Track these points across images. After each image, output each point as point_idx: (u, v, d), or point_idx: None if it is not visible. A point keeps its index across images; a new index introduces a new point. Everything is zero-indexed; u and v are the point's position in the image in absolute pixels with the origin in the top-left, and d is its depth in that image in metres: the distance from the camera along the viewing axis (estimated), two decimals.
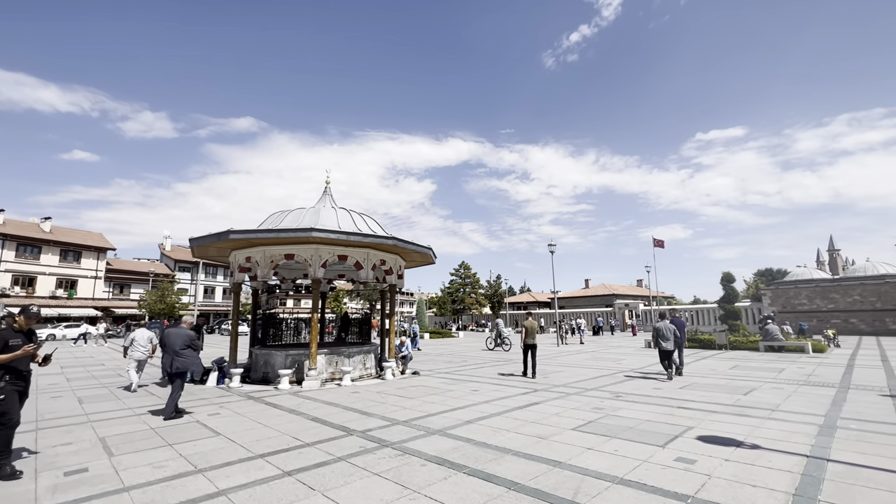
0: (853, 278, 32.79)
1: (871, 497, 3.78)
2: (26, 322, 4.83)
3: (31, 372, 4.93)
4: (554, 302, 32.98)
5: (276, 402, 8.58)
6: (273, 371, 11.05)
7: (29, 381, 4.89)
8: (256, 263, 11.27)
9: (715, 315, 32.49)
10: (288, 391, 9.88)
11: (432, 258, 13.85)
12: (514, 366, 14.41)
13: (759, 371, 12.42)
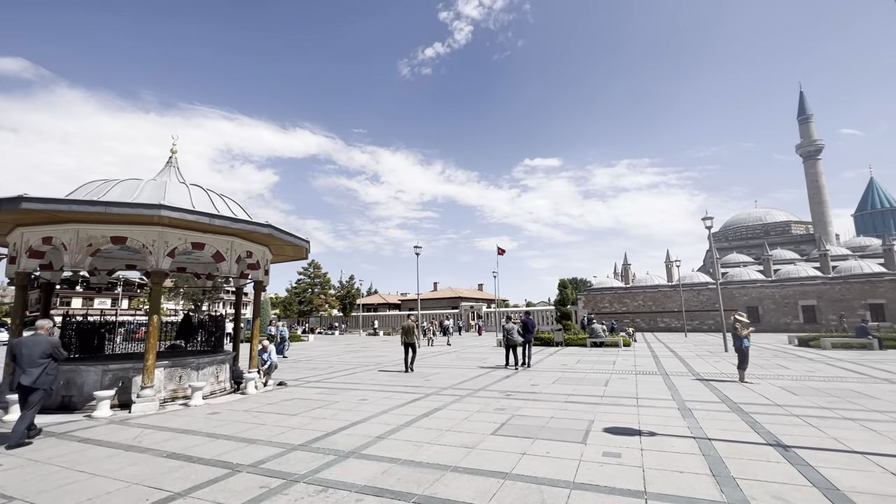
0: (638, 287, 41.75)
1: (765, 469, 4.47)
2: None
3: None
4: (417, 304, 33.29)
5: (96, 436, 6.25)
6: (81, 393, 8.16)
7: None
8: (62, 247, 8.17)
9: (553, 316, 37.36)
10: (108, 419, 7.37)
11: (306, 253, 12.29)
12: (388, 368, 13.82)
13: (599, 364, 14.47)
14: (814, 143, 60.40)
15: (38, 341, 6.15)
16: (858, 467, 4.47)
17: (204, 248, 9.26)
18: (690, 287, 38.40)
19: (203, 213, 8.33)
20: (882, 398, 8.06)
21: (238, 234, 9.61)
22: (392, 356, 19.10)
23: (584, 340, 22.40)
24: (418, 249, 25.67)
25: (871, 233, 60.28)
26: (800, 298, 34.35)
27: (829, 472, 4.31)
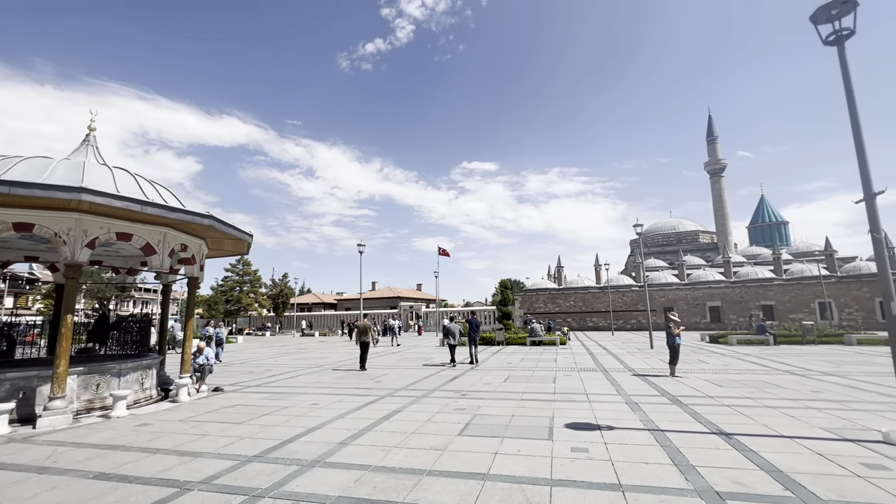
0: (569, 288, 44.11)
1: (717, 456, 4.84)
2: None
3: None
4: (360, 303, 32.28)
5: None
6: None
7: None
8: None
9: (494, 315, 38.16)
10: (7, 437, 6.28)
11: (247, 248, 11.41)
12: (333, 369, 13.28)
13: (542, 362, 15.00)
14: (719, 162, 67.77)
15: None
16: (791, 450, 5.00)
17: (131, 239, 8.23)
18: (616, 289, 41.27)
19: (134, 200, 7.38)
20: (788, 387, 9.15)
21: (173, 224, 8.67)
22: (334, 357, 18.39)
23: (524, 339, 23.16)
24: (361, 248, 24.96)
25: (761, 243, 68.48)
26: (707, 300, 38.35)
27: (770, 457, 4.77)
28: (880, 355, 15.06)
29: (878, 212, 5.54)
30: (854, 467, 4.43)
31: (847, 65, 5.84)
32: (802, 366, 12.70)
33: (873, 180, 5.56)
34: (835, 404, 7.43)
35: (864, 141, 5.64)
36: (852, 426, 5.99)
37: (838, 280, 34.13)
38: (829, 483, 4.04)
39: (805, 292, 35.06)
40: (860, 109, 5.71)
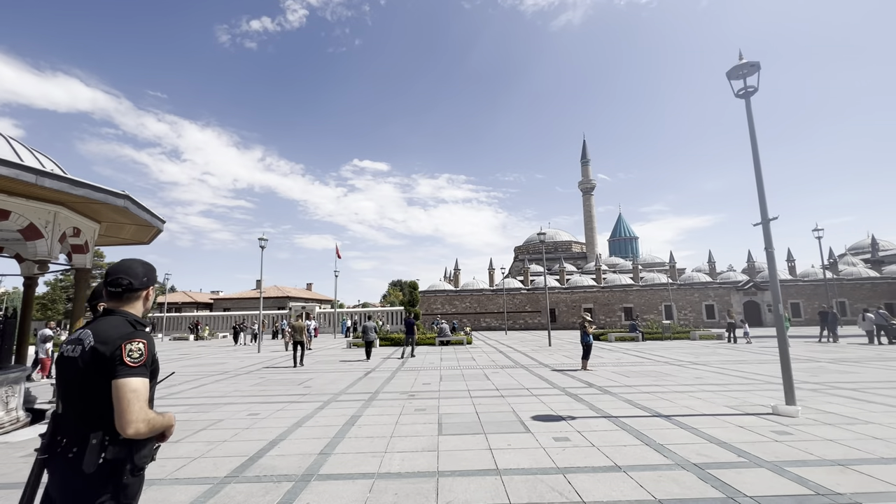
0: (466, 291, 46.19)
1: (673, 434, 5.66)
2: None
3: None
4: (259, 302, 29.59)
5: None
6: None
7: None
8: None
9: (401, 316, 37.82)
10: None
11: (152, 237, 9.70)
12: (240, 374, 11.97)
13: (462, 361, 15.53)
14: (590, 182, 77.54)
15: None
16: (718, 425, 6.09)
17: (8, 218, 6.42)
18: (507, 291, 44.45)
19: (27, 168, 5.78)
20: (677, 375, 11.00)
21: (68, 202, 7.00)
22: (233, 363, 16.49)
23: (433, 339, 23.62)
24: (263, 243, 22.74)
25: (619, 254, 79.97)
26: (582, 302, 43.61)
27: (709, 431, 5.75)
28: (719, 347, 18.92)
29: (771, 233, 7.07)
30: (769, 434, 5.59)
31: (752, 114, 7.35)
32: (674, 357, 15.31)
33: (767, 208, 7.08)
34: (719, 387, 9.17)
35: (762, 177, 7.14)
36: (743, 403, 7.50)
37: (678, 287, 41.76)
38: (761, 448, 5.04)
39: (655, 297, 42.11)
40: (761, 153, 7.22)
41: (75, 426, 1.66)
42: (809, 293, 39.44)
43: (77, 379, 1.70)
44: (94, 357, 1.68)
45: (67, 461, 1.62)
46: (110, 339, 1.71)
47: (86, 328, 1.78)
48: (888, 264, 42.92)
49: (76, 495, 1.61)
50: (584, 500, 3.75)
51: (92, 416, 1.66)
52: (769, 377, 10.38)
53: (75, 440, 1.64)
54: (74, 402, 1.71)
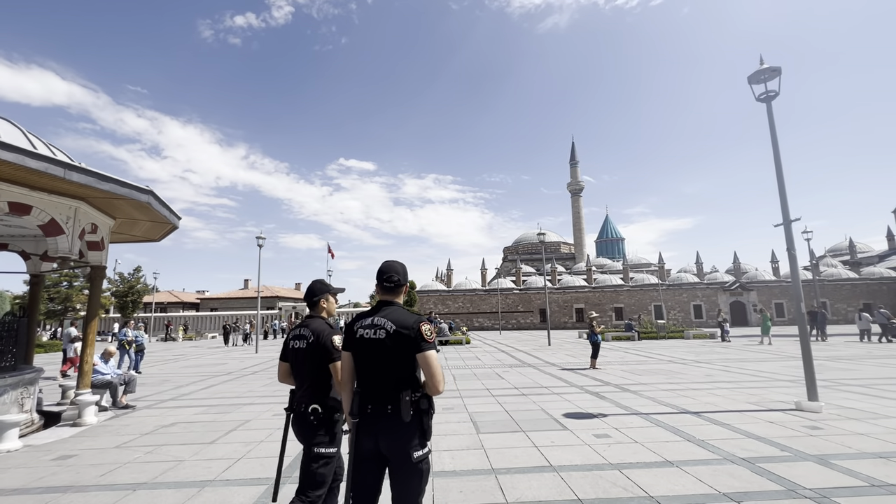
0: (458, 291, 46.23)
1: (707, 430, 5.77)
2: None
3: None
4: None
5: None
6: None
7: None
8: None
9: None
10: None
11: (163, 234, 9.47)
12: (245, 374, 11.77)
13: (469, 360, 15.55)
14: (578, 184, 78.45)
15: None
16: (749, 421, 6.22)
17: (30, 213, 6.19)
18: (499, 292, 44.63)
19: (55, 161, 5.58)
20: (687, 374, 11.20)
21: (88, 198, 6.80)
22: (234, 364, 16.19)
23: None
24: (261, 241, 22.37)
25: (606, 255, 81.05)
26: (574, 302, 44.07)
27: (743, 427, 5.88)
28: (715, 346, 19.35)
29: (793, 234, 7.26)
30: (801, 429, 5.75)
31: (773, 118, 7.54)
32: (675, 356, 15.59)
33: (789, 210, 7.28)
34: (732, 384, 9.38)
35: (784, 179, 7.34)
36: (763, 399, 7.69)
37: (667, 287, 42.53)
38: (799, 442, 5.18)
39: (645, 297, 42.81)
40: (782, 155, 7.42)
41: (387, 390, 2.17)
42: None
43: (387, 355, 2.19)
44: (399, 337, 2.18)
45: (387, 416, 2.15)
46: (409, 324, 2.21)
47: (378, 317, 2.28)
48: (866, 265, 44.51)
49: (401, 437, 2.14)
50: (650, 495, 3.80)
51: (401, 380, 2.18)
52: (776, 374, 10.65)
53: (389, 400, 2.15)
54: (385, 372, 2.21)
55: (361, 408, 2.20)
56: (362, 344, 2.27)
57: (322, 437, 2.62)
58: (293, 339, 2.84)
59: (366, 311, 2.41)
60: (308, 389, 2.68)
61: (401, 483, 2.17)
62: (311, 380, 2.69)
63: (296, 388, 2.79)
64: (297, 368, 2.77)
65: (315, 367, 2.68)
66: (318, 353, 2.68)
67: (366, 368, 2.26)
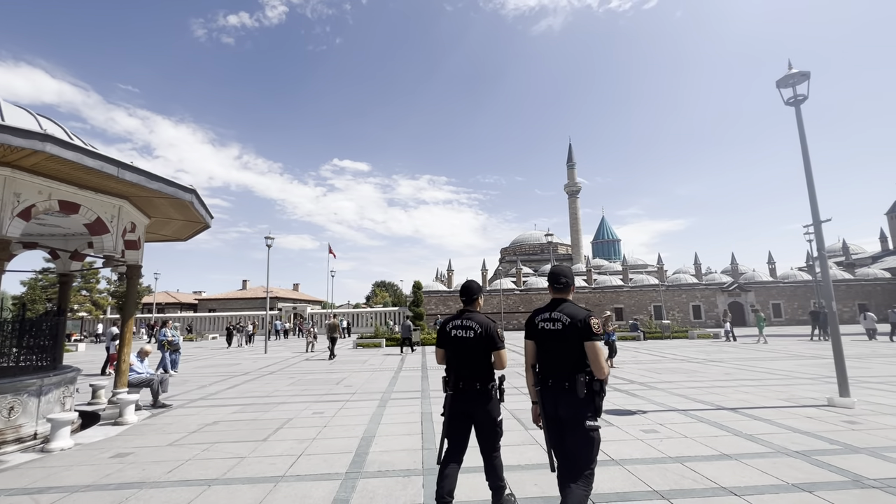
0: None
1: (755, 426, 5.91)
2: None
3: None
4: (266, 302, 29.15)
5: None
6: None
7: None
8: None
9: (404, 315, 37.71)
10: None
11: (191, 234, 9.48)
12: (265, 374, 11.76)
13: None
14: (576, 185, 78.88)
15: None
16: (788, 416, 6.37)
17: (78, 211, 6.19)
18: (501, 292, 44.79)
19: (111, 160, 5.61)
20: (705, 372, 11.38)
21: (131, 196, 6.81)
22: (248, 364, 16.14)
23: None
24: (269, 241, 22.30)
25: (602, 256, 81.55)
26: (577, 303, 44.25)
27: (785, 422, 6.03)
28: (723, 345, 19.63)
29: (823, 235, 7.45)
30: (841, 424, 5.91)
31: (802, 121, 7.73)
32: (686, 355, 15.80)
33: (819, 211, 7.46)
34: (754, 382, 9.56)
35: (814, 182, 7.52)
36: (793, 396, 7.86)
37: (667, 288, 42.94)
38: (846, 436, 5.33)
39: (644, 297, 43.19)
40: (812, 158, 7.60)
41: (564, 371, 2.73)
42: (790, 294, 41.20)
43: (566, 343, 2.72)
44: (574, 328, 2.71)
45: (565, 390, 2.70)
46: (580, 317, 2.74)
47: (556, 312, 2.84)
48: (859, 266, 45.25)
49: (576, 408, 2.65)
50: (721, 486, 3.92)
51: (576, 363, 2.70)
52: (793, 372, 10.85)
53: (566, 378, 2.71)
54: (561, 356, 2.75)
55: (543, 382, 2.84)
56: (543, 333, 2.87)
57: (495, 407, 3.24)
58: (455, 328, 3.33)
59: (541, 307, 2.99)
60: (474, 370, 3.22)
61: (576, 445, 2.67)
62: (477, 363, 3.23)
63: (456, 370, 3.27)
64: (461, 353, 3.26)
65: (482, 352, 3.23)
66: (485, 342, 3.22)
67: (546, 352, 2.86)
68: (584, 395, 2.63)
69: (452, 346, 3.32)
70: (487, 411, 3.22)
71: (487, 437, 3.27)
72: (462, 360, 3.26)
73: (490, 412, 3.22)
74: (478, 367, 3.23)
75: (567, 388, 2.69)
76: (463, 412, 3.24)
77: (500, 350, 3.24)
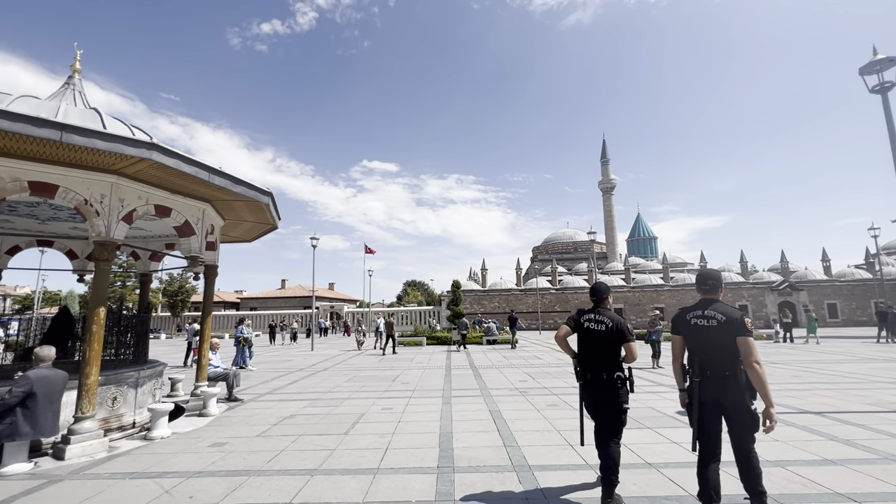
0: (494, 290, 46.15)
1: (848, 431, 5.64)
2: None
3: None
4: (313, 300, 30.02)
5: None
6: None
7: None
8: None
9: (438, 315, 38.12)
10: (24, 475, 4.60)
11: (257, 235, 9.89)
12: (319, 371, 12.11)
13: (530, 359, 15.55)
14: (610, 181, 77.01)
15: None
16: (884, 422, 6.04)
17: (170, 215, 6.58)
18: (537, 291, 44.35)
19: (203, 166, 5.94)
20: (773, 374, 10.89)
21: (214, 200, 7.17)
22: (299, 361, 16.67)
23: (480, 339, 23.65)
24: (315, 241, 22.96)
25: (638, 254, 79.20)
26: (613, 303, 43.31)
27: (882, 428, 5.72)
28: (780, 346, 18.74)
29: None
30: None
31: (890, 109, 7.29)
32: None
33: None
34: (829, 385, 9.09)
35: None
36: (880, 401, 7.43)
37: None
38: None
39: (686, 297, 41.71)
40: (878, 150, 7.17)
41: (721, 361, 3.11)
42: (847, 294, 38.84)
43: (722, 337, 3.07)
44: (731, 325, 3.06)
45: (724, 378, 3.08)
46: (734, 315, 3.10)
47: (709, 310, 3.19)
48: None
49: (738, 394, 3.05)
50: (836, 492, 3.78)
51: (734, 356, 3.06)
52: (868, 376, 10.25)
53: (726, 368, 3.08)
54: (722, 350, 3.09)
55: (702, 373, 3.16)
56: (696, 329, 3.22)
57: (625, 395, 3.56)
58: (588, 322, 3.68)
59: (689, 306, 3.36)
60: (603, 361, 3.58)
61: (743, 427, 3.11)
62: (606, 354, 3.59)
63: (585, 361, 3.67)
64: (593, 345, 3.63)
65: (613, 345, 3.57)
66: (616, 336, 3.56)
67: (699, 346, 3.20)
68: (745, 382, 3.04)
69: (584, 337, 3.67)
70: (614, 399, 3.53)
71: (609, 423, 3.60)
72: (592, 351, 3.63)
73: (617, 400, 3.53)
74: (607, 358, 3.57)
75: (728, 376, 3.07)
76: (593, 399, 3.66)
77: (630, 343, 3.51)
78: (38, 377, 4.92)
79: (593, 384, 3.61)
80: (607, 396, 3.56)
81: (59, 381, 5.12)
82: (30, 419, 4.76)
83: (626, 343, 3.52)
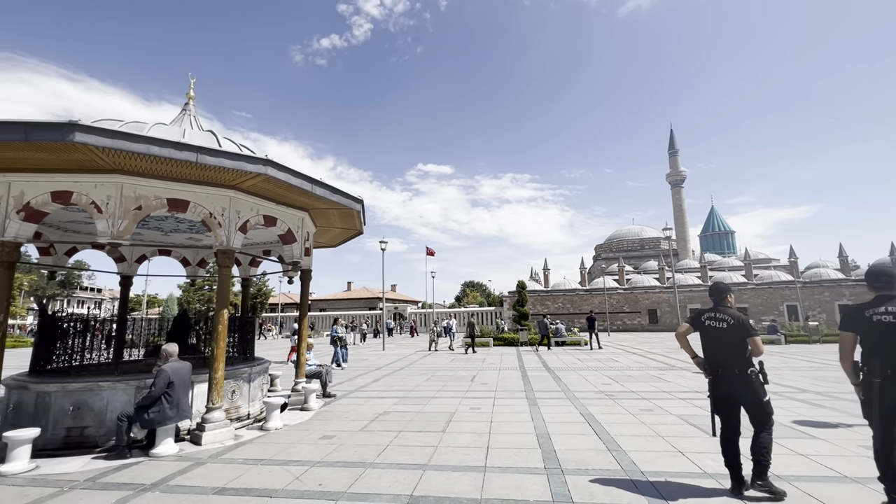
0: (558, 290, 45.09)
1: None
2: None
3: None
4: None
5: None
6: (101, 423, 5.62)
7: None
8: (95, 209, 5.51)
9: (500, 315, 38.20)
10: (175, 456, 5.21)
11: (343, 240, 10.46)
12: (398, 370, 12.47)
13: (605, 362, 15.03)
14: (679, 174, 72.40)
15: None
16: None
17: (275, 224, 7.17)
18: (604, 291, 42.72)
19: (308, 178, 6.42)
20: None
21: (312, 208, 7.70)
22: (374, 360, 17.36)
23: (540, 339, 23.21)
24: (384, 244, 23.88)
25: (712, 250, 73.68)
26: (688, 302, 40.67)
27: None
28: None
29: None
30: None
31: None
32: None
33: None
34: None
35: None
36: None
37: (803, 285, 37.48)
38: None
39: (774, 296, 38.15)
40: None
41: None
42: None
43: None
44: None
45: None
46: None
47: (890, 305, 3.20)
48: None
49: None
50: None
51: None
52: None
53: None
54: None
55: (882, 372, 3.15)
56: (876, 325, 3.21)
57: (761, 389, 3.64)
58: (709, 319, 3.85)
59: (870, 300, 3.33)
60: (730, 357, 3.72)
61: None
62: (732, 350, 3.72)
63: (714, 357, 3.82)
64: (717, 341, 3.80)
65: (738, 340, 3.69)
66: (740, 331, 3.69)
67: (881, 343, 3.20)
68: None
69: (706, 335, 3.85)
70: (752, 393, 3.63)
71: (755, 416, 3.68)
72: (717, 347, 3.80)
73: (754, 394, 3.63)
74: (733, 353, 3.70)
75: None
76: (724, 395, 3.75)
77: (754, 337, 3.64)
78: (172, 369, 5.58)
79: (725, 379, 3.72)
80: (744, 391, 3.65)
81: (187, 371, 5.77)
82: (173, 405, 5.41)
83: (751, 337, 3.63)
